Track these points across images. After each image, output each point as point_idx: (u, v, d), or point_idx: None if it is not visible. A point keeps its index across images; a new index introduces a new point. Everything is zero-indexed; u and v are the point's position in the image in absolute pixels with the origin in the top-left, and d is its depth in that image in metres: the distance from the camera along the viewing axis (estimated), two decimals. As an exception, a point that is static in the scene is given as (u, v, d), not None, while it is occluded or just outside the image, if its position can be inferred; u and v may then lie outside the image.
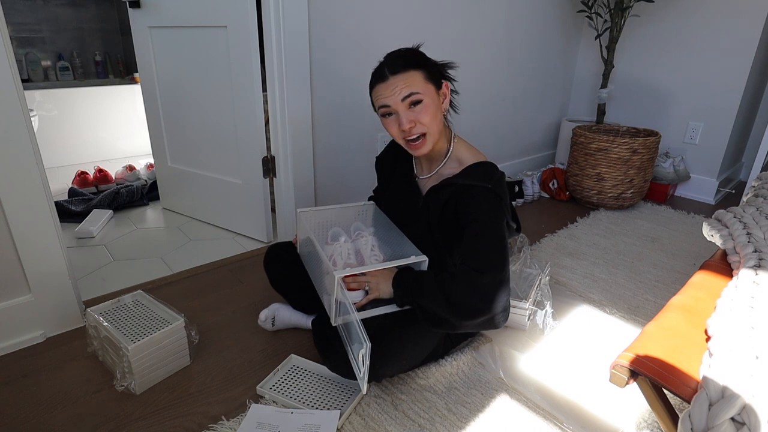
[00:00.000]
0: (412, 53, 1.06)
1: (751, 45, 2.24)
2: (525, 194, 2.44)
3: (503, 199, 1.06)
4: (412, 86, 1.01)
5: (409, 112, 1.02)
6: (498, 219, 1.03)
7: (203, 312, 1.40)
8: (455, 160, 1.13)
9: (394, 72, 1.02)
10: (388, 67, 1.03)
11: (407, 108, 1.02)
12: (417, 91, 1.01)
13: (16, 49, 2.80)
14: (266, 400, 1.07)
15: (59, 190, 2.40)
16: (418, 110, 1.02)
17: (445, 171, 1.13)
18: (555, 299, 1.49)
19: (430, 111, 1.03)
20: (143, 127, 2.49)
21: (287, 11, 1.51)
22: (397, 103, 1.02)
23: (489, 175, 1.06)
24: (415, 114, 1.02)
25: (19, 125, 1.10)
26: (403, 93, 1.01)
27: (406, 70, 1.02)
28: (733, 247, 1.10)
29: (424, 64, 1.05)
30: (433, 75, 1.05)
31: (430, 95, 1.03)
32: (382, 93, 1.04)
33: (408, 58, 1.04)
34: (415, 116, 1.02)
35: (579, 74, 2.94)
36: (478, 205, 1.03)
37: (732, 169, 2.76)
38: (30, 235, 1.18)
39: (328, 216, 1.26)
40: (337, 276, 0.94)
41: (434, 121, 1.04)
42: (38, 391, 1.08)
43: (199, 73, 1.77)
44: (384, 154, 1.32)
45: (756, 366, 0.68)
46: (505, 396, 1.10)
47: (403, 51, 1.07)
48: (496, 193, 1.04)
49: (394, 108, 1.03)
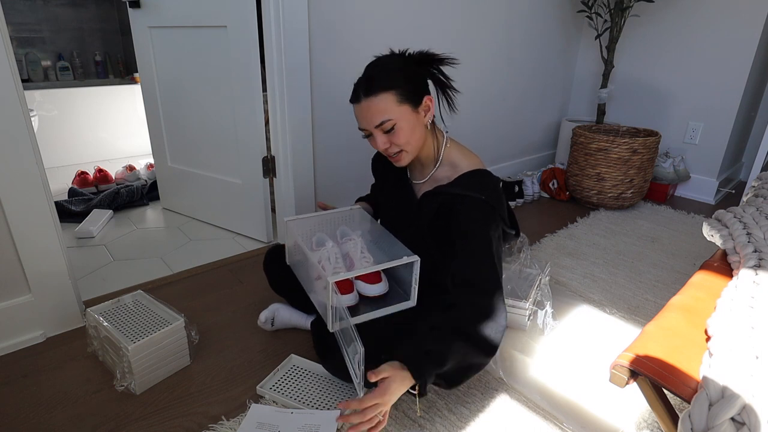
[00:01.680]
0: (385, 71, 1.03)
1: (751, 45, 2.24)
2: (525, 194, 2.44)
3: (496, 209, 1.04)
4: (383, 113, 1.00)
5: (382, 136, 1.04)
6: (491, 231, 1.02)
7: (203, 312, 1.40)
8: (449, 164, 1.11)
9: (367, 94, 1.01)
10: (361, 88, 1.03)
11: (381, 132, 1.03)
12: (388, 117, 1.01)
13: (16, 49, 2.80)
14: (266, 400, 1.07)
15: (59, 190, 2.40)
16: (392, 134, 1.03)
17: (439, 175, 1.12)
18: (555, 299, 1.49)
19: (404, 133, 1.03)
20: (143, 127, 2.49)
21: (287, 11, 1.51)
22: (371, 128, 1.03)
23: (483, 185, 1.05)
24: (389, 137, 1.04)
25: (19, 125, 1.10)
26: (375, 121, 1.02)
27: (377, 94, 1.00)
28: (733, 247, 1.10)
29: (397, 83, 1.01)
30: (409, 93, 1.02)
31: (404, 117, 1.01)
32: (358, 115, 1.05)
33: (381, 79, 1.01)
34: (389, 139, 1.04)
35: (579, 74, 2.94)
36: (469, 217, 1.01)
37: (732, 169, 2.76)
38: (30, 235, 1.18)
39: (316, 222, 1.25)
40: (331, 281, 0.94)
41: (410, 139, 1.04)
42: (38, 391, 1.08)
43: (199, 73, 1.77)
44: (378, 154, 1.32)
45: (756, 366, 0.68)
46: (505, 396, 1.10)
47: (376, 70, 1.04)
48: (489, 203, 1.02)
49: (369, 131, 1.05)
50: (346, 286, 1.07)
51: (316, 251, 1.11)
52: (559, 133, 2.93)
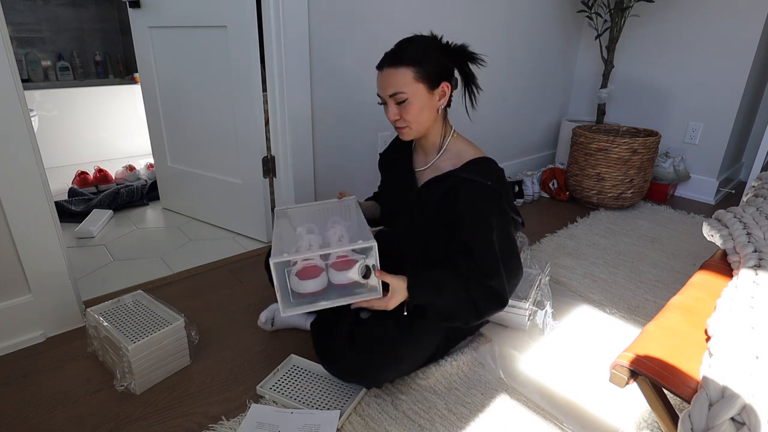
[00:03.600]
0: (414, 47, 1.05)
1: (751, 45, 2.24)
2: (525, 194, 2.44)
3: (503, 195, 1.07)
4: (397, 85, 1.03)
5: (394, 107, 1.07)
6: (493, 216, 1.05)
7: (203, 312, 1.40)
8: (454, 154, 1.13)
9: (390, 65, 1.05)
10: (388, 57, 1.06)
11: (393, 103, 1.07)
12: (401, 90, 1.04)
13: (16, 49, 2.80)
14: (266, 400, 1.07)
15: (59, 190, 2.40)
16: (402, 107, 1.06)
17: (442, 164, 1.13)
18: (555, 299, 1.49)
19: (414, 110, 1.05)
20: (143, 127, 2.49)
21: (287, 11, 1.51)
22: (386, 96, 1.07)
23: (489, 171, 1.08)
24: (400, 110, 1.07)
25: (19, 125, 1.10)
26: (389, 90, 1.05)
27: (397, 66, 1.03)
28: (733, 247, 1.10)
29: (419, 61, 1.03)
30: (428, 74, 1.04)
31: (417, 95, 1.04)
32: (378, 83, 1.08)
33: (408, 52, 1.04)
34: (400, 112, 1.07)
35: (579, 74, 2.94)
36: (474, 200, 1.04)
37: (732, 169, 2.76)
38: (30, 235, 1.18)
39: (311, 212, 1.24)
40: (272, 261, 0.94)
41: (418, 118, 1.07)
42: (38, 391, 1.08)
43: (199, 73, 1.77)
44: (387, 149, 1.34)
45: (756, 366, 0.68)
46: (505, 396, 1.10)
47: (406, 43, 1.07)
48: (495, 189, 1.05)
49: (384, 99, 1.08)
50: (312, 272, 1.04)
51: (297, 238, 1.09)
52: (559, 133, 2.93)
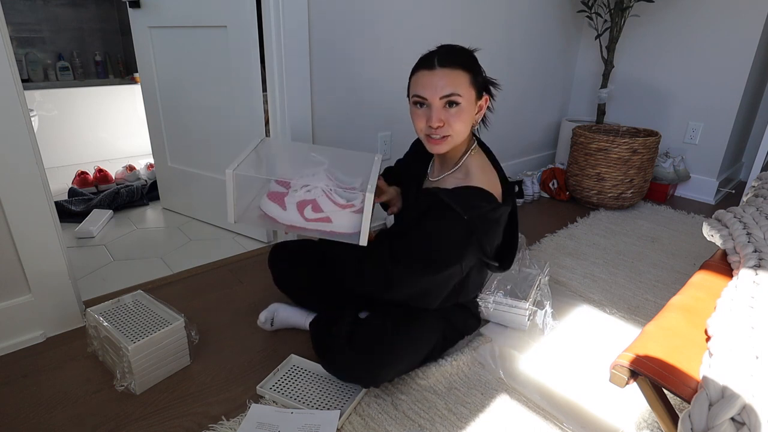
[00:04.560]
0: (467, 53, 1.02)
1: (751, 45, 2.24)
2: (525, 194, 2.44)
3: (474, 233, 0.99)
4: (456, 86, 0.96)
5: (442, 111, 0.98)
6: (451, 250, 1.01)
7: (203, 312, 1.40)
8: (464, 171, 1.07)
9: (444, 65, 0.96)
10: (440, 57, 0.97)
11: (443, 106, 0.98)
12: (459, 93, 0.96)
13: (16, 49, 2.80)
14: (266, 400, 1.07)
15: (59, 190, 2.40)
16: (452, 112, 0.98)
17: (450, 179, 1.08)
18: (555, 299, 1.49)
19: (463, 117, 0.99)
20: (143, 127, 2.49)
21: (287, 11, 1.51)
22: (435, 98, 0.97)
23: (474, 205, 0.98)
24: (448, 115, 0.98)
25: (19, 125, 1.10)
26: (445, 90, 0.96)
27: (456, 68, 0.96)
28: (733, 247, 1.10)
29: (474, 68, 1.00)
30: (478, 83, 1.01)
31: (468, 101, 0.99)
32: (423, 82, 0.98)
33: (462, 56, 1.00)
34: (447, 117, 0.98)
35: (579, 74, 2.94)
36: (440, 227, 0.99)
37: (732, 169, 2.76)
38: (30, 235, 1.18)
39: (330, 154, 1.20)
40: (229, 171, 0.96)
41: (464, 128, 1.01)
42: (38, 391, 1.08)
43: (199, 73, 1.77)
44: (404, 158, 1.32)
45: (756, 366, 0.68)
46: (505, 396, 1.10)
47: (459, 48, 1.02)
48: (468, 225, 0.98)
49: (429, 101, 0.98)
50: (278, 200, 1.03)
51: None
52: (559, 133, 2.93)
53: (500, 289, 1.35)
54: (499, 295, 1.33)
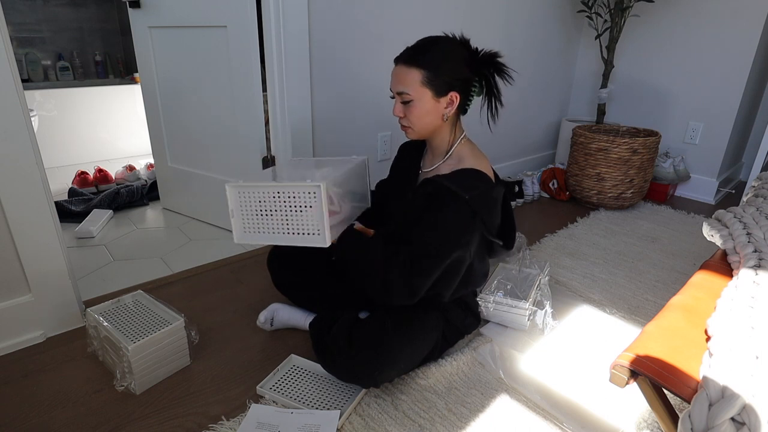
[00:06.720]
0: (430, 51, 1.04)
1: (751, 45, 2.24)
2: (525, 194, 2.44)
3: (478, 213, 1.03)
4: (405, 85, 1.04)
5: (399, 104, 1.08)
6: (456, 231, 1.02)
7: (203, 312, 1.40)
8: (456, 160, 1.12)
9: (401, 62, 1.05)
10: (403, 54, 1.06)
11: (399, 101, 1.07)
12: (407, 92, 1.04)
13: (16, 49, 2.80)
14: (266, 400, 1.07)
15: (59, 190, 2.40)
16: (407, 107, 1.07)
17: (443, 168, 1.13)
18: (555, 299, 1.49)
19: (416, 112, 1.06)
20: (143, 127, 2.49)
21: (287, 11, 1.51)
22: (394, 92, 1.08)
23: (473, 186, 1.03)
24: (405, 108, 1.07)
25: (19, 125, 1.10)
26: (397, 87, 1.06)
27: (409, 66, 1.03)
28: (733, 247, 1.10)
29: (434, 67, 1.02)
30: (437, 80, 1.03)
31: (421, 99, 1.04)
32: (391, 75, 1.08)
33: (420, 55, 1.03)
34: (405, 110, 1.08)
35: (579, 74, 2.94)
36: (442, 208, 1.02)
37: (732, 169, 2.76)
38: (30, 235, 1.18)
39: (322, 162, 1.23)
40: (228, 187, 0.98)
41: (419, 121, 1.07)
42: (38, 391, 1.08)
43: (199, 73, 1.77)
44: (407, 143, 1.32)
45: (756, 366, 0.68)
46: (505, 396, 1.10)
47: (426, 44, 1.05)
48: (470, 205, 1.01)
49: (393, 94, 1.09)
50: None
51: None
52: (559, 133, 2.93)
53: (500, 289, 1.35)
54: (499, 295, 1.33)
